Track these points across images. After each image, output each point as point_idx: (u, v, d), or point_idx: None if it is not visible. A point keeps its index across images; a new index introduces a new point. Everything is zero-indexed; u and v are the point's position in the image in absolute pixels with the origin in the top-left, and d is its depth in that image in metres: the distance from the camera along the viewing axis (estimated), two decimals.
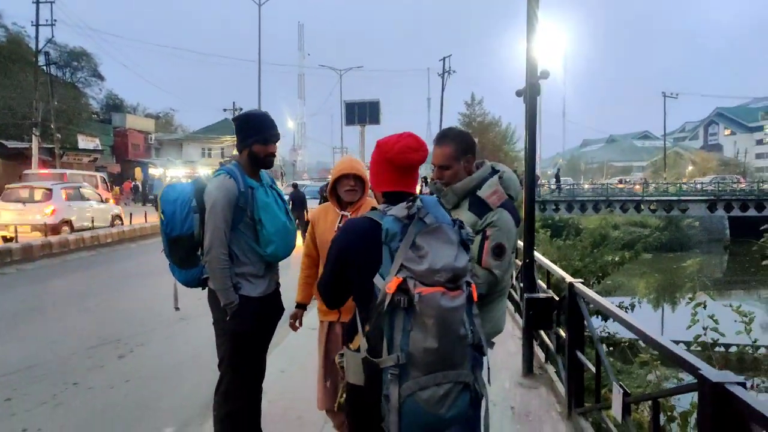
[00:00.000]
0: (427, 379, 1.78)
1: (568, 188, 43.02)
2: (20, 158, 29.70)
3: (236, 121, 3.11)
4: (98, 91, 52.56)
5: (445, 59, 44.18)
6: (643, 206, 37.46)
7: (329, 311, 3.11)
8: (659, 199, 38.97)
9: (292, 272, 3.71)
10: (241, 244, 3.00)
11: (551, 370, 5.18)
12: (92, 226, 16.78)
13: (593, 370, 3.73)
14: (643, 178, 63.61)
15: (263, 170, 3.16)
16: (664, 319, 18.61)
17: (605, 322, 8.98)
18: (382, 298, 1.79)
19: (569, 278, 4.37)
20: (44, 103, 29.75)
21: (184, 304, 3.45)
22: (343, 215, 3.13)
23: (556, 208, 37.00)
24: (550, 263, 5.70)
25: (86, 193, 17.76)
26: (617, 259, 12.40)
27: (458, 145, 2.63)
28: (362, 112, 20.08)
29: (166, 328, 7.10)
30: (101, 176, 25.51)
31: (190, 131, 66.37)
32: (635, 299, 11.19)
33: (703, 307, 5.62)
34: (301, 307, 3.44)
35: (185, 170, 43.33)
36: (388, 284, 1.78)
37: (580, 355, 4.01)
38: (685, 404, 4.37)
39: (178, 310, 3.42)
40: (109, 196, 22.94)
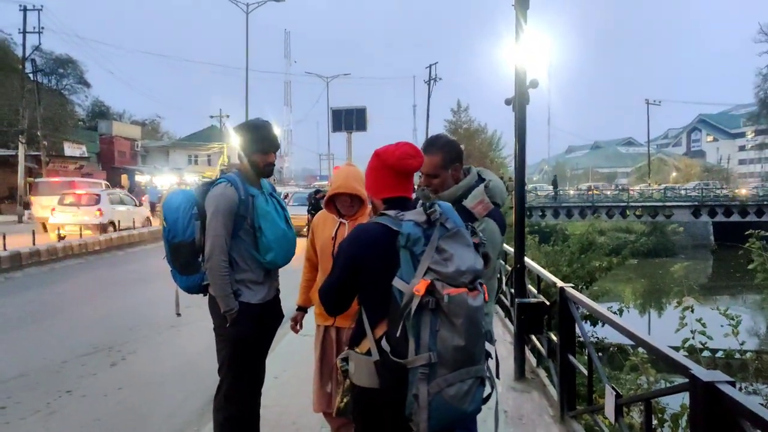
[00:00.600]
0: (453, 375, 1.85)
1: (552, 195, 43.25)
2: (6, 166, 29.44)
3: (238, 130, 3.16)
4: (84, 98, 52.57)
5: (431, 66, 44.42)
6: (628, 212, 37.80)
7: (328, 316, 3.14)
8: (644, 204, 39.41)
9: (291, 278, 3.75)
10: (241, 251, 3.05)
11: (543, 374, 5.24)
12: (133, 225, 19.70)
13: (585, 373, 3.79)
14: (620, 185, 64.13)
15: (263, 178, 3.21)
16: (651, 324, 18.76)
17: (594, 327, 9.05)
18: (408, 300, 1.84)
19: (560, 283, 4.44)
20: (30, 110, 29.54)
21: (173, 311, 3.47)
22: (341, 222, 3.17)
23: (542, 214, 37.19)
24: (540, 269, 5.75)
25: (125, 198, 21.08)
26: (605, 264, 12.46)
27: (446, 154, 2.67)
28: (349, 119, 20.02)
29: (157, 335, 7.10)
30: (106, 183, 26.60)
31: (176, 138, 66.15)
32: (622, 305, 11.28)
33: (690, 310, 5.70)
34: (302, 310, 3.49)
35: (172, 177, 43.09)
36: (416, 286, 1.83)
37: (571, 358, 4.08)
38: (675, 407, 4.45)
39: (179, 315, 3.46)
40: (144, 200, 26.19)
